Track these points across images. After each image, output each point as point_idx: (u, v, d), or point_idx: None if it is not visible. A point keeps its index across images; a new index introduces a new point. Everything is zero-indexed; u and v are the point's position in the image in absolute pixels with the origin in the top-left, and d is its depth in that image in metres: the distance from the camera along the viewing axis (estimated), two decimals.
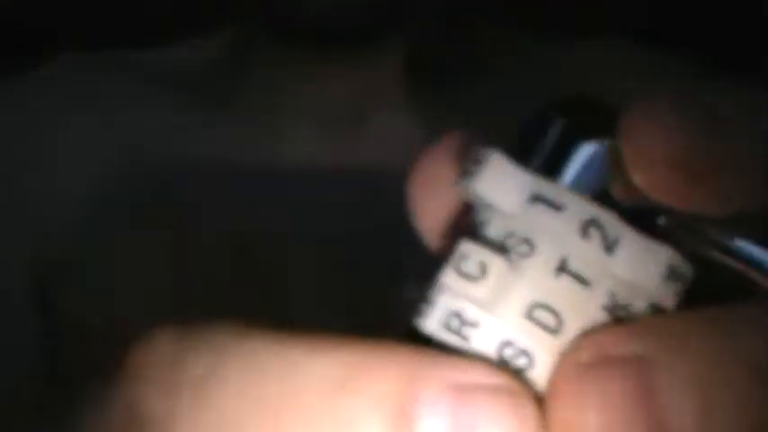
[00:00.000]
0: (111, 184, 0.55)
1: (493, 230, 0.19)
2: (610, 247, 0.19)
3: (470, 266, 0.19)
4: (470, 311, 0.18)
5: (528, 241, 0.19)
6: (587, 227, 0.19)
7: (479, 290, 0.18)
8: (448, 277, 0.19)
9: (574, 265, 0.19)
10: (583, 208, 0.19)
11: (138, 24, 0.64)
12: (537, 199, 0.19)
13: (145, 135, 0.55)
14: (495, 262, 0.18)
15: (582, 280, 0.19)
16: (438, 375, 0.17)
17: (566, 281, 0.19)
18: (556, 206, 0.19)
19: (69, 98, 0.56)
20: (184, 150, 0.55)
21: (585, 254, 0.19)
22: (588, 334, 0.18)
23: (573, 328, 0.18)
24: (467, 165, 0.20)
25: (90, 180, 0.55)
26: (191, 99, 0.56)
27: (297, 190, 0.54)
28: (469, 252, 0.19)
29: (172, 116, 0.56)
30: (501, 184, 0.19)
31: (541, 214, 0.19)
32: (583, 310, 0.18)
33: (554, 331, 0.18)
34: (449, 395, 0.17)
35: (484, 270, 0.18)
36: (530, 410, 0.17)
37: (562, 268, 0.19)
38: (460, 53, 0.58)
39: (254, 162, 0.54)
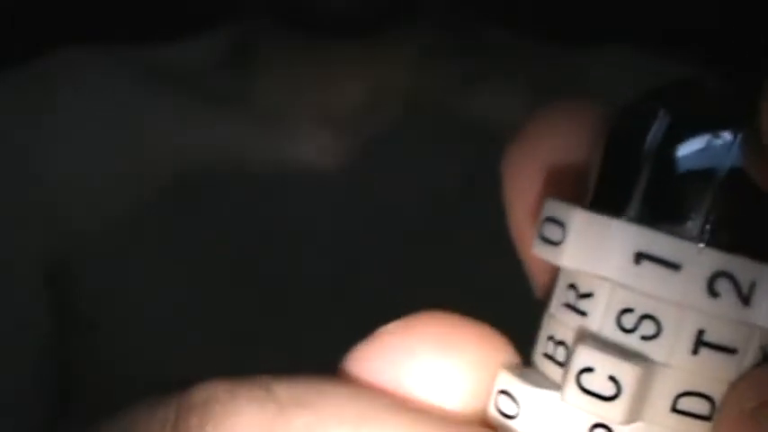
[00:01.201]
0: (110, 183, 0.55)
1: (601, 308, 0.16)
2: (746, 297, 0.15)
3: (598, 383, 0.15)
4: (607, 426, 0.16)
5: (650, 318, 0.15)
6: (714, 281, 0.15)
7: (616, 411, 0.15)
8: (570, 395, 0.15)
9: (712, 335, 0.15)
10: (702, 258, 0.15)
11: (139, 23, 0.64)
12: (644, 257, 0.15)
13: (145, 134, 0.55)
14: (627, 372, 0.15)
15: (725, 349, 0.15)
16: None
17: (708, 357, 0.15)
18: (670, 264, 0.15)
19: (69, 94, 0.56)
20: (185, 149, 0.55)
21: (721, 316, 0.15)
22: (741, 383, 0.16)
23: None
24: (546, 230, 0.16)
25: (89, 178, 0.55)
26: (192, 98, 0.56)
27: (300, 189, 0.54)
28: (591, 363, 0.15)
29: (173, 115, 0.56)
30: (596, 251, 0.15)
31: (656, 279, 0.15)
32: (735, 378, 0.16)
33: (708, 416, 0.16)
34: None
35: (616, 385, 0.15)
36: None
37: (699, 343, 0.15)
38: (464, 55, 0.58)
39: (256, 162, 0.54)
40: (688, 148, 0.15)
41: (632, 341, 0.15)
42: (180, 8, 0.64)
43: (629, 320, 0.16)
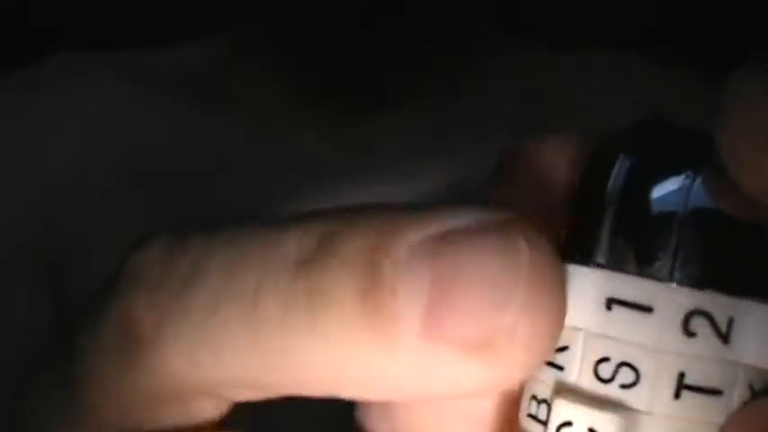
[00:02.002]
0: (110, 185, 0.55)
1: (577, 360, 0.15)
2: (725, 334, 0.14)
3: None
4: None
5: (628, 366, 0.15)
6: (689, 320, 0.14)
7: None
8: None
9: (693, 377, 0.15)
10: (675, 297, 0.15)
11: (138, 24, 0.64)
12: (615, 302, 0.15)
13: (145, 135, 0.55)
14: (606, 423, 0.15)
15: (709, 390, 0.15)
16: (413, 225, 0.15)
17: (691, 400, 0.15)
18: (642, 307, 0.15)
19: (69, 96, 0.56)
20: (184, 151, 0.55)
21: (700, 356, 0.15)
22: (729, 426, 0.15)
23: None
24: None
25: (89, 179, 0.55)
26: (191, 99, 0.56)
27: (300, 191, 0.54)
28: (570, 416, 0.15)
29: (172, 116, 0.56)
30: (568, 301, 0.15)
31: (630, 324, 0.15)
32: (723, 421, 0.15)
33: None
34: (426, 245, 0.15)
35: None
36: (525, 247, 0.14)
37: (681, 386, 0.15)
38: (459, 56, 0.58)
39: (256, 163, 0.54)
40: (649, 192, 0.15)
41: (612, 391, 0.15)
42: (179, 10, 0.65)
43: (606, 370, 0.15)
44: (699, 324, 0.15)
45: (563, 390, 0.15)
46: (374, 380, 0.15)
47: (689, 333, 0.15)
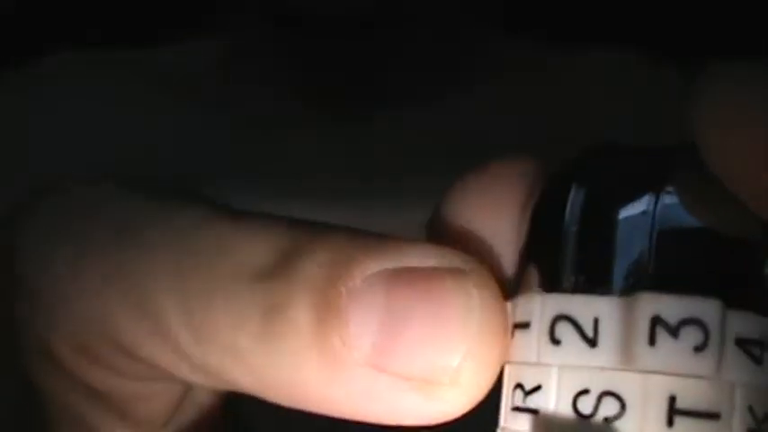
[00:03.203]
0: (109, 183, 0.55)
1: (553, 398, 0.14)
2: (592, 338, 0.13)
3: None
4: None
5: (611, 395, 0.13)
6: (555, 327, 0.13)
7: None
8: None
9: (685, 400, 0.13)
10: (545, 304, 0.14)
11: (138, 24, 0.64)
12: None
13: (144, 135, 0.55)
14: None
15: (704, 415, 0.13)
16: (373, 258, 0.16)
17: (686, 427, 0.13)
18: (521, 324, 0.14)
19: (69, 96, 0.56)
20: (185, 151, 0.55)
21: (570, 366, 0.13)
22: None
23: None
24: None
25: (89, 179, 0.55)
26: (192, 99, 0.56)
27: (300, 191, 0.54)
28: None
29: (172, 116, 0.56)
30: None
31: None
32: None
33: None
34: (382, 281, 0.15)
35: None
36: (477, 296, 0.15)
37: (673, 412, 0.13)
38: (459, 56, 0.58)
39: (255, 164, 0.54)
40: (606, 220, 0.14)
41: (596, 426, 0.13)
42: (179, 10, 0.65)
43: (586, 404, 0.13)
44: (563, 330, 0.13)
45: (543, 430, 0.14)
46: (314, 396, 0.16)
47: (555, 341, 0.14)
